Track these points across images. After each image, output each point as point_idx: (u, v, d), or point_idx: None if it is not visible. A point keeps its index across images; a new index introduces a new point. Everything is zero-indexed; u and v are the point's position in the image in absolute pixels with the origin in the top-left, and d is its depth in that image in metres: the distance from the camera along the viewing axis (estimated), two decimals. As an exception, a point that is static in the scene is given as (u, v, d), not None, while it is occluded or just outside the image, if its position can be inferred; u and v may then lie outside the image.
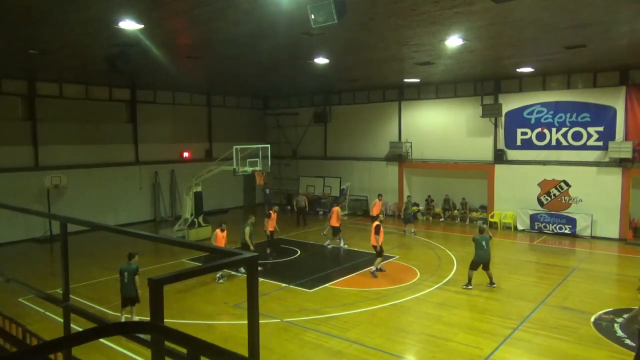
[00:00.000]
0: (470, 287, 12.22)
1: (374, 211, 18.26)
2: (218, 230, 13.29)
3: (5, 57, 13.79)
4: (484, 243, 12.25)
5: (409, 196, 21.51)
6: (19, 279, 5.48)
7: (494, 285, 12.34)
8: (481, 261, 12.28)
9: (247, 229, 13.88)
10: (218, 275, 12.96)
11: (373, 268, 13.45)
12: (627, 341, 9.04)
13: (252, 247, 13.60)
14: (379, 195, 19.31)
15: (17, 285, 5.43)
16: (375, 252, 13.57)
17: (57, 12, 8.99)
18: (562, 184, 18.90)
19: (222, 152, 19.44)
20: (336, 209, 16.74)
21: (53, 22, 9.78)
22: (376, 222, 13.63)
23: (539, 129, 19.31)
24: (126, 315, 9.97)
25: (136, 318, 9.79)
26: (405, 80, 20.17)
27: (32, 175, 18.35)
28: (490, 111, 19.97)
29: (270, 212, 16.14)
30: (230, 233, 14.20)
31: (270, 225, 15.79)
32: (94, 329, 2.01)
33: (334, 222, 16.50)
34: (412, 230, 19.26)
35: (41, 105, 18.94)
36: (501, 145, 20.35)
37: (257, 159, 18.38)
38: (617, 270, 14.86)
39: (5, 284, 5.37)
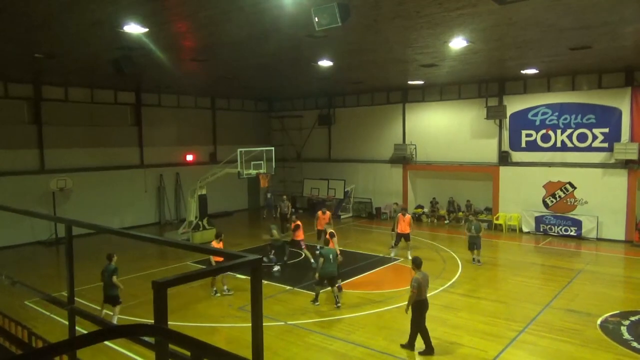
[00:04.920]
0: (317, 303, 11.20)
1: (404, 228, 15.34)
2: (214, 242, 12.42)
3: (11, 61, 13.88)
4: (331, 256, 11.15)
5: (474, 212, 17.90)
6: (25, 282, 5.51)
7: (339, 305, 11.06)
8: (328, 276, 11.16)
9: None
10: (214, 289, 12.18)
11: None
12: (634, 344, 8.97)
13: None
14: (403, 210, 16.55)
15: (23, 288, 5.46)
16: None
17: (61, 16, 9.04)
18: (568, 185, 18.81)
19: (227, 154, 19.49)
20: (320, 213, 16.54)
21: (58, 26, 9.83)
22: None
23: (543, 131, 19.24)
24: (106, 312, 10.23)
25: (116, 317, 10.13)
26: (409, 82, 20.15)
27: (38, 178, 18.45)
28: (495, 113, 19.92)
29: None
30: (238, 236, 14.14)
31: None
32: (98, 332, 2.01)
33: (320, 226, 16.35)
34: (477, 258, 14.73)
35: (47, 108, 19.05)
36: (506, 147, 20.28)
37: (262, 162, 18.40)
38: (623, 273, 14.75)
39: (11, 286, 5.39)
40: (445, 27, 10.28)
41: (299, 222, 15.27)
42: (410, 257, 14.69)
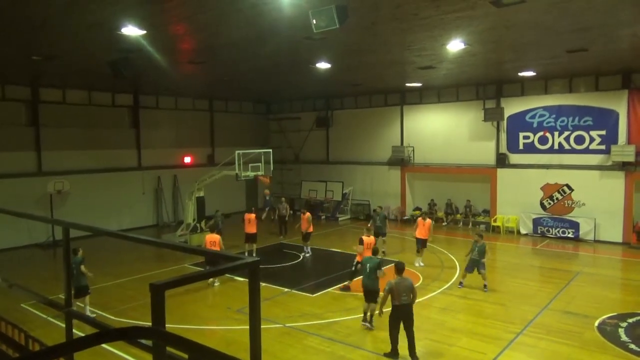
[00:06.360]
0: (366, 323, 10.08)
1: (423, 233, 14.81)
2: (208, 235, 13.74)
3: (9, 63, 13.86)
4: (368, 267, 10.07)
5: (480, 230, 17.27)
6: (22, 285, 5.49)
7: (371, 326, 10.01)
8: (363, 288, 10.17)
9: None
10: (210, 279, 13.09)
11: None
12: (632, 346, 8.99)
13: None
14: (424, 214, 16.05)
15: (20, 291, 5.44)
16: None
17: (60, 18, 9.04)
18: (565, 187, 18.85)
19: (225, 157, 19.47)
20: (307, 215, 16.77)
21: (56, 28, 9.83)
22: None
23: (541, 133, 19.28)
24: (78, 304, 10.36)
25: (88, 308, 10.66)
26: (407, 84, 20.19)
27: (35, 180, 18.39)
28: (493, 115, 19.96)
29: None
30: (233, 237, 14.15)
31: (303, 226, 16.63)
32: (95, 334, 2.00)
33: (302, 227, 16.61)
34: (484, 284, 12.35)
35: (44, 111, 19.00)
36: (503, 149, 20.32)
37: (260, 164, 18.37)
38: (620, 274, 14.78)
39: (7, 289, 5.38)
40: (443, 30, 10.31)
41: (252, 216, 16.73)
42: (422, 264, 14.78)
